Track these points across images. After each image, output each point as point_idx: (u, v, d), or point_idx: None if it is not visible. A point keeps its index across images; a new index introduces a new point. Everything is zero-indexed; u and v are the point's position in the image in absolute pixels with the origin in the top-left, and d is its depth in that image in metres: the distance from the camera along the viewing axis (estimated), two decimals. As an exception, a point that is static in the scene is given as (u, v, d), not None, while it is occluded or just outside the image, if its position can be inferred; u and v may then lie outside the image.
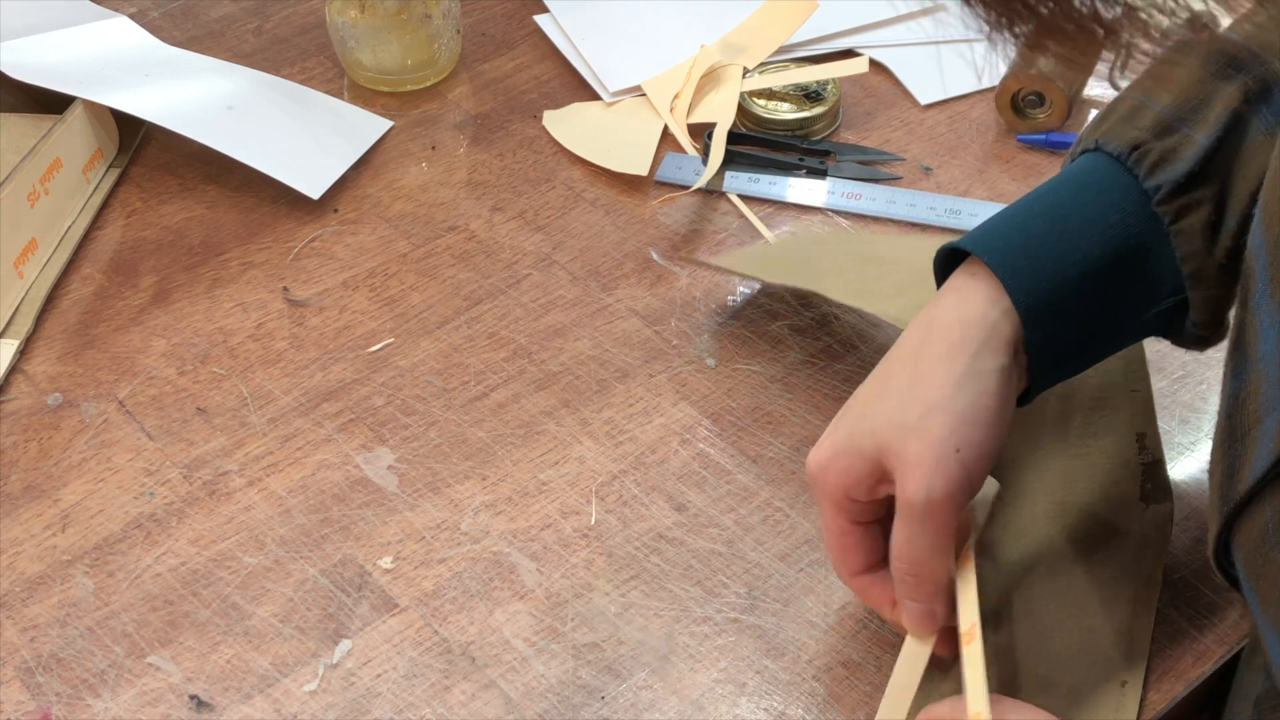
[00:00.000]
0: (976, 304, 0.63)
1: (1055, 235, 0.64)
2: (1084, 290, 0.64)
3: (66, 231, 0.92)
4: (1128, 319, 0.67)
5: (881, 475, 0.63)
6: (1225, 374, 0.56)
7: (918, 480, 0.61)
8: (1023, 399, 0.66)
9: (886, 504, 0.65)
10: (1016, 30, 0.38)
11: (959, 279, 0.65)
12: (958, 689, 0.63)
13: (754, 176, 0.96)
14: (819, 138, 0.99)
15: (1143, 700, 0.67)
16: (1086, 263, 0.64)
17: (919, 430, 0.61)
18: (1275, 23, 0.67)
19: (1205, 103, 0.65)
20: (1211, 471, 0.56)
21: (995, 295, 0.63)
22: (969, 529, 0.65)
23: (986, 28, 0.39)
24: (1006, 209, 0.67)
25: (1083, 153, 0.67)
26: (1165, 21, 0.37)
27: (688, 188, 0.94)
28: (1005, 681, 0.67)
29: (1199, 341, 0.68)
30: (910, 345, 0.64)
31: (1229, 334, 0.58)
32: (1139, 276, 0.65)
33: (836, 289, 0.81)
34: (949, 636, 0.65)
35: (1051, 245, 0.64)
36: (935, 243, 0.68)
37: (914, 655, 0.65)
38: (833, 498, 0.65)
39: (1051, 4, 0.37)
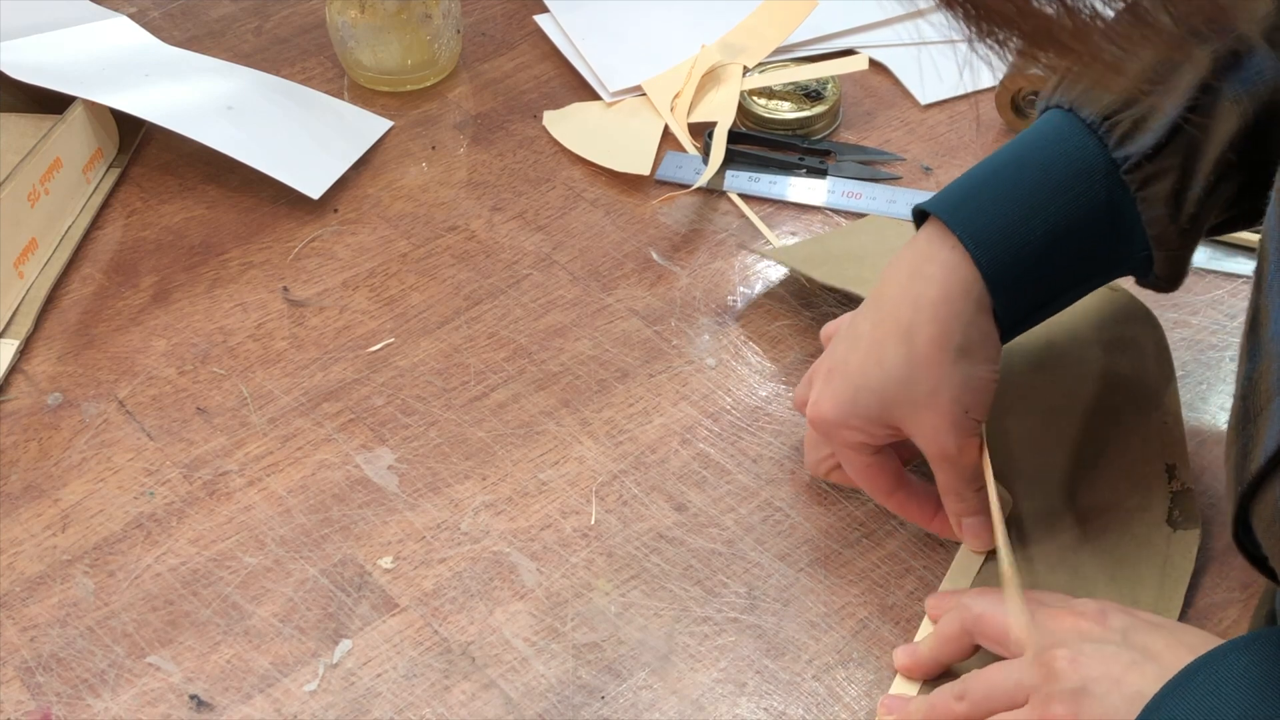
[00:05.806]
0: (961, 279, 0.67)
1: (1025, 205, 0.68)
2: (1051, 255, 0.68)
3: (66, 231, 0.92)
4: (1093, 274, 0.71)
5: (890, 432, 0.70)
6: (1240, 357, 0.57)
7: (941, 443, 0.69)
8: None
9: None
10: (1003, 41, 0.38)
11: (941, 250, 0.68)
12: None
13: (754, 176, 0.96)
14: (819, 137, 0.99)
15: None
16: (1056, 230, 0.67)
17: (929, 406, 0.68)
18: None
19: (1177, 66, 0.67)
20: (1227, 454, 0.56)
21: (976, 272, 0.67)
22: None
23: (969, 40, 0.39)
24: (977, 169, 0.70)
25: (1054, 108, 0.70)
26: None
27: (688, 187, 0.94)
28: None
29: (1159, 287, 0.72)
30: (899, 320, 0.68)
31: (1245, 318, 0.59)
32: (1106, 237, 0.69)
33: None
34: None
35: (1022, 215, 0.67)
36: None
37: (968, 559, 0.73)
38: (846, 448, 0.71)
39: (1030, 21, 0.37)
